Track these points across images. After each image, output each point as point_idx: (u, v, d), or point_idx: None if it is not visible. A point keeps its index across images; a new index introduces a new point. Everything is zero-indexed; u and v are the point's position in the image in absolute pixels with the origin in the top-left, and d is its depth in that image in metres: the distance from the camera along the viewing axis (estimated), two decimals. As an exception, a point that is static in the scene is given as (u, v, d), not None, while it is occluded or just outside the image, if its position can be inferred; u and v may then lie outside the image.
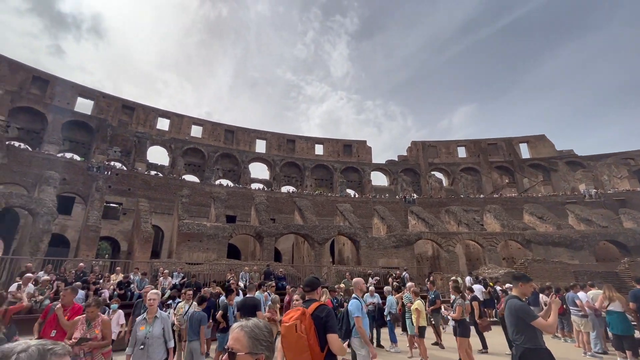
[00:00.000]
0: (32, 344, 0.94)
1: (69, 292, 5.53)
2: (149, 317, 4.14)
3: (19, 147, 25.51)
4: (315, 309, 2.70)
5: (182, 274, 14.18)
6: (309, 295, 3.06)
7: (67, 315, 4.77)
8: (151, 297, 4.30)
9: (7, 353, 0.88)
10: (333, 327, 2.66)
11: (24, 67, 31.31)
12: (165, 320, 4.21)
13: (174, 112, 40.76)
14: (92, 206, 22.03)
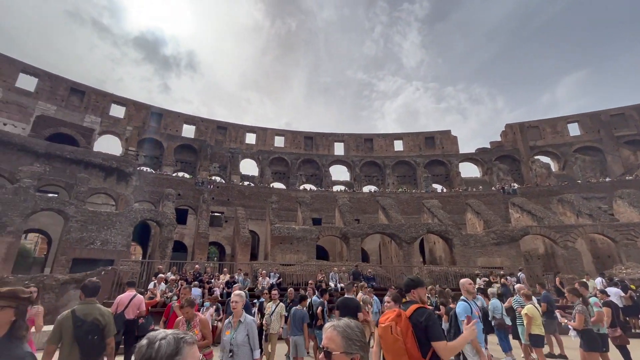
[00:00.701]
0: (169, 332, 1.14)
1: (186, 290, 6.44)
2: (234, 320, 3.82)
3: (146, 171, 31.33)
4: (414, 312, 2.50)
5: (277, 274, 15.25)
6: (409, 296, 2.88)
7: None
8: (234, 299, 3.88)
9: (152, 339, 1.11)
10: (436, 333, 2.39)
11: (144, 106, 38.38)
12: (250, 326, 3.76)
13: (258, 126, 44.59)
14: (201, 216, 25.58)
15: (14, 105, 29.31)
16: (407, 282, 2.92)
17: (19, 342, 1.89)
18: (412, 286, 2.86)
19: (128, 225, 18.49)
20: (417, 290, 2.83)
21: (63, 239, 16.73)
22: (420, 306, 2.59)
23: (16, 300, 1.99)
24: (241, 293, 4.01)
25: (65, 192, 21.90)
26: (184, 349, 1.11)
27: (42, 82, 31.65)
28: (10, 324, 1.92)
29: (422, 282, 2.94)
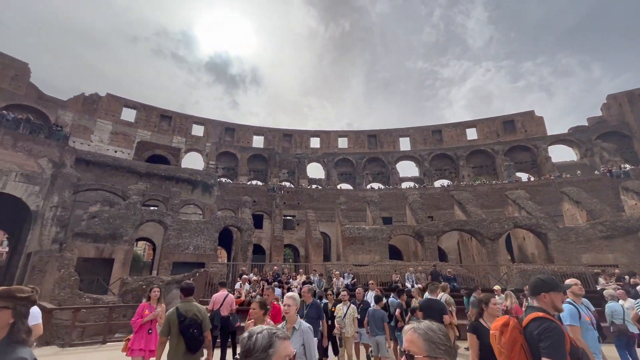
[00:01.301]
0: (265, 328, 1.33)
1: (270, 290, 6.75)
2: (287, 327, 3.24)
3: (225, 182, 34.45)
4: (530, 322, 2.03)
5: (351, 275, 15.26)
6: (537, 301, 2.28)
7: (269, 315, 4.63)
8: (286, 301, 3.40)
9: (252, 333, 1.31)
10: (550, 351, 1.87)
11: (219, 123, 42.35)
12: (307, 334, 3.12)
13: (321, 130, 45.51)
14: (274, 220, 27.08)
15: (121, 135, 35.08)
16: (535, 283, 2.30)
17: (19, 346, 1.72)
18: (544, 289, 2.23)
19: (214, 231, 20.52)
20: (551, 295, 2.20)
21: (164, 245, 19.35)
22: (540, 316, 2.05)
23: (13, 300, 1.80)
24: (294, 295, 3.50)
25: (163, 205, 25.36)
26: (276, 342, 1.27)
27: (139, 113, 37.27)
28: (8, 326, 1.74)
29: (557, 284, 2.27)
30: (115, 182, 25.29)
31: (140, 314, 5.17)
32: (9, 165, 19.30)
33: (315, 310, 5.75)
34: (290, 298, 3.45)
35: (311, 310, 5.68)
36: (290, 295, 3.51)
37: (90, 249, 17.06)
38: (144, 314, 5.19)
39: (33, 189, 20.04)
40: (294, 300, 3.40)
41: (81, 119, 32.84)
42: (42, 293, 12.73)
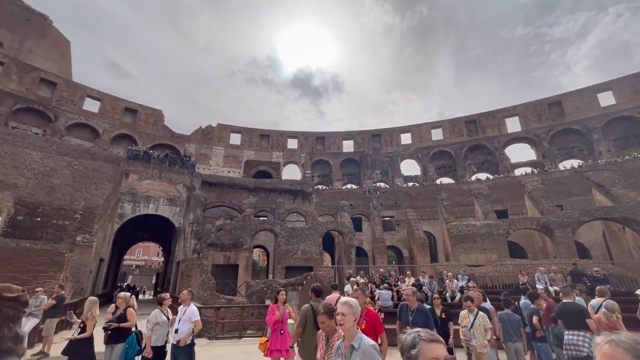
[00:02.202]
0: (414, 330, 1.46)
1: (359, 292, 5.70)
2: (344, 345, 2.51)
3: (321, 189, 36.07)
4: None
5: (466, 277, 13.92)
6: None
7: (363, 324, 3.88)
8: (341, 309, 2.55)
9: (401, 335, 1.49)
10: None
11: (310, 134, 44.77)
12: (370, 356, 2.33)
13: (411, 124, 43.45)
14: (373, 222, 26.90)
15: (231, 157, 40.48)
16: None
17: (3, 356, 1.40)
18: None
19: (317, 236, 21.60)
20: None
21: (276, 251, 21.29)
22: None
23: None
24: (350, 301, 2.61)
25: (271, 215, 28.07)
26: (419, 344, 1.37)
27: (243, 136, 42.42)
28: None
29: None
30: (231, 199, 29.22)
31: (271, 314, 5.72)
32: (159, 193, 24.33)
33: (422, 317, 4.86)
34: (345, 305, 2.54)
35: (418, 318, 4.86)
36: (345, 301, 2.61)
37: (219, 257, 20.03)
38: (272, 313, 5.73)
39: (175, 210, 24.75)
40: (350, 308, 2.50)
41: (201, 148, 39.24)
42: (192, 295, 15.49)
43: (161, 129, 38.31)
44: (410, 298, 5.01)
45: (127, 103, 36.64)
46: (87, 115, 33.18)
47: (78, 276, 14.71)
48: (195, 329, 5.46)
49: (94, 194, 18.95)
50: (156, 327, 5.31)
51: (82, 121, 32.44)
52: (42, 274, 10.67)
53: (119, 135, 34.36)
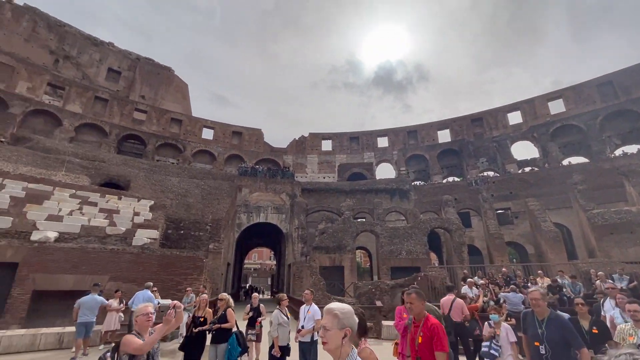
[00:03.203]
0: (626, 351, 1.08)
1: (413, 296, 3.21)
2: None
3: (419, 185, 34.19)
4: None
5: (626, 277, 11.04)
6: None
7: (420, 337, 3.07)
8: (323, 321, 1.74)
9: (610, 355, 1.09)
10: None
11: (399, 130, 43.10)
12: None
13: (520, 101, 37.44)
14: (485, 216, 23.99)
15: (325, 163, 42.08)
16: None
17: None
18: None
19: (421, 235, 20.44)
20: None
21: (379, 252, 20.99)
22: None
23: None
24: (337, 308, 1.71)
25: (369, 216, 27.93)
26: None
27: (333, 141, 43.67)
28: None
29: None
30: (329, 203, 30.25)
31: (399, 317, 5.49)
32: (266, 203, 26.95)
33: (558, 329, 3.42)
34: (329, 314, 1.71)
35: (552, 330, 3.44)
36: (329, 308, 1.73)
37: (325, 259, 20.86)
38: (402, 317, 5.50)
39: (281, 217, 26.97)
40: (335, 319, 1.67)
41: (297, 158, 41.99)
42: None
43: (262, 145, 42.57)
44: (539, 303, 3.64)
45: (233, 127, 42.04)
46: (205, 143, 39.33)
47: (213, 278, 17.35)
48: (316, 327, 5.70)
49: (218, 208, 22.16)
50: (279, 327, 5.75)
51: (202, 148, 38.61)
52: (189, 276, 12.92)
53: (230, 156, 39.58)
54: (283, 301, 6.07)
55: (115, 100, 35.63)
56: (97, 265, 11.28)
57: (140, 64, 42.01)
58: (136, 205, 16.78)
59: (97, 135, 32.69)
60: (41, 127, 29.43)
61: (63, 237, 12.06)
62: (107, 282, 10.90)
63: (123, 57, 41.16)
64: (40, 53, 34.72)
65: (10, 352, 8.01)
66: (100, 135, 32.80)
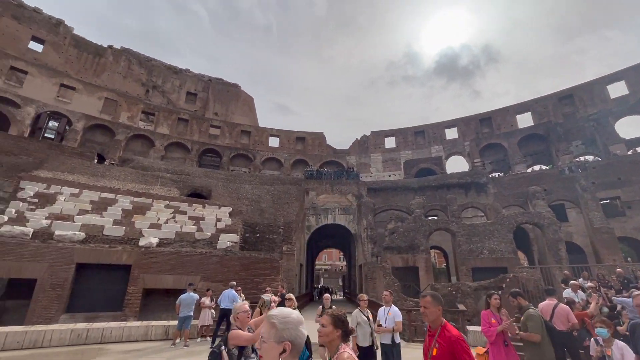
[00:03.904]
0: None
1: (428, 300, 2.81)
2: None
3: (498, 177, 30.97)
4: None
5: None
6: None
7: (435, 349, 2.70)
8: (262, 330, 1.50)
9: None
10: None
11: (471, 118, 39.68)
12: None
13: (624, 68, 31.36)
14: (586, 208, 20.57)
15: (389, 161, 40.92)
16: None
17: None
18: None
19: (506, 232, 18.41)
20: None
21: (456, 252, 19.50)
22: None
23: None
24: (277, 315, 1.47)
25: (442, 213, 26.22)
26: None
27: (397, 138, 42.23)
28: None
29: None
30: (397, 201, 29.26)
31: (488, 323, 4.97)
32: (333, 204, 27.24)
33: None
34: (266, 323, 1.46)
35: None
36: (270, 314, 1.48)
37: (397, 259, 20.15)
38: (491, 323, 4.98)
39: (349, 218, 26.96)
40: (272, 329, 1.42)
41: (360, 158, 41.64)
42: (378, 296, 16.18)
43: (325, 148, 43.30)
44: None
45: (296, 133, 43.63)
46: (272, 150, 41.55)
47: (288, 278, 18.12)
48: (395, 328, 5.49)
49: (288, 211, 23.13)
50: (358, 327, 5.65)
51: (270, 156, 40.86)
52: (267, 276, 13.69)
53: (296, 161, 41.10)
54: (362, 301, 5.97)
55: (194, 119, 39.94)
56: (190, 266, 12.66)
57: (212, 84, 46.41)
58: (218, 212, 18.45)
59: (181, 152, 37.02)
60: (139, 149, 34.47)
61: (162, 243, 13.84)
62: (199, 282, 12.15)
63: (198, 80, 45.99)
64: (135, 86, 40.78)
65: (129, 341, 9.44)
66: (184, 151, 37.06)
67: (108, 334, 9.34)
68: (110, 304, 11.45)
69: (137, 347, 8.88)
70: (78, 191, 16.05)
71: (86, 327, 9.21)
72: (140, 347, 8.96)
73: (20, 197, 13.97)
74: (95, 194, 16.33)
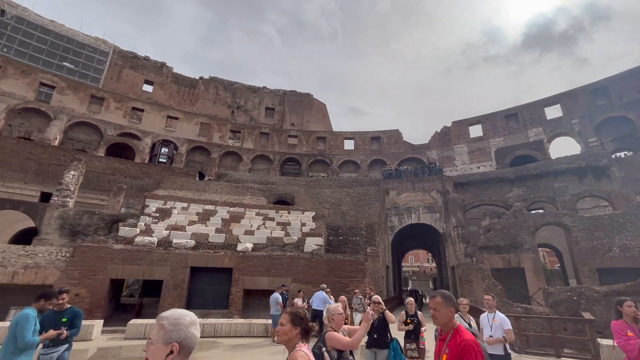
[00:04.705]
0: None
1: (438, 301, 2.49)
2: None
3: (625, 157, 25.30)
4: None
5: None
6: None
7: (444, 354, 2.39)
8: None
9: None
10: None
11: (578, 90, 33.33)
12: None
13: None
14: None
15: (477, 151, 37.10)
16: None
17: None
18: None
19: (644, 223, 14.80)
20: None
21: (574, 250, 16.44)
22: None
23: None
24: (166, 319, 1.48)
25: (549, 206, 22.51)
26: None
27: (484, 125, 38.06)
28: None
29: None
30: (490, 195, 26.27)
31: (624, 335, 4.03)
32: (416, 203, 25.93)
33: None
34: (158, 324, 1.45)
35: None
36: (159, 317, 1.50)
37: (497, 260, 17.99)
38: (627, 335, 4.03)
39: (435, 216, 25.28)
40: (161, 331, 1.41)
41: (442, 151, 38.78)
42: (477, 300, 14.67)
43: (402, 145, 41.69)
44: None
45: (371, 133, 43.08)
46: (348, 153, 41.82)
47: (375, 280, 17.82)
48: (507, 338, 4.83)
49: (369, 213, 22.87)
50: None
51: (346, 159, 41.21)
52: (354, 279, 13.69)
53: (372, 161, 40.55)
54: (462, 305, 5.45)
55: (273, 132, 42.94)
56: (281, 269, 13.50)
57: (287, 97, 49.29)
58: (302, 217, 19.32)
59: (265, 163, 40.10)
60: (230, 164, 38.57)
61: (256, 247, 15.10)
62: (290, 283, 12.85)
63: (274, 95, 49.42)
64: (222, 109, 45.97)
65: (236, 336, 10.50)
66: (267, 162, 40.08)
67: (219, 329, 10.57)
68: (218, 302, 12.95)
69: (242, 342, 9.81)
70: (187, 205, 18.71)
71: (202, 322, 10.61)
72: (245, 342, 9.87)
73: (146, 213, 16.95)
74: (200, 206, 18.80)
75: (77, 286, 11.40)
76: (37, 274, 11.29)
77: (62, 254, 12.11)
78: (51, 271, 11.45)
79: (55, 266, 11.60)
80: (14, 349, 3.53)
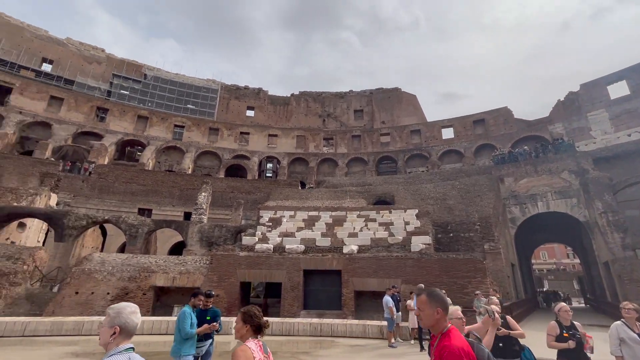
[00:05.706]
0: None
1: (422, 299, 2.23)
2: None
3: None
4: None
5: None
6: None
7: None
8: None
9: None
10: None
11: None
12: None
13: None
14: None
15: (623, 115, 29.06)
16: None
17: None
18: None
19: None
20: None
21: None
22: None
23: None
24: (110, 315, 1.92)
25: None
26: None
27: (629, 82, 29.65)
28: None
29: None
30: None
31: None
32: (542, 188, 21.92)
33: None
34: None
35: None
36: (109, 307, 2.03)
37: (677, 252, 13.60)
38: None
39: (571, 202, 20.85)
40: (107, 317, 1.88)
41: (570, 123, 31.82)
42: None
43: (513, 124, 36.16)
44: None
45: (472, 117, 38.72)
46: (448, 143, 38.48)
47: (499, 280, 15.68)
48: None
49: (481, 205, 20.43)
50: (624, 347, 3.97)
51: (446, 149, 37.99)
52: (473, 279, 12.33)
53: (478, 147, 36.26)
54: (626, 310, 4.24)
55: (365, 133, 42.93)
56: (388, 270, 13.20)
57: (374, 96, 48.72)
58: (404, 216, 18.59)
59: (360, 165, 40.32)
60: (327, 170, 40.18)
61: (361, 249, 15.19)
62: (400, 285, 12.42)
63: (361, 97, 49.52)
64: (314, 119, 48.44)
65: (351, 336, 10.70)
66: (362, 164, 40.21)
67: (335, 328, 10.95)
68: (332, 303, 13.46)
69: (359, 343, 9.91)
70: (293, 213, 20.25)
71: (319, 322, 11.19)
72: (361, 342, 9.95)
73: (261, 223, 19.05)
74: (305, 213, 20.09)
75: (216, 288, 13.53)
76: (188, 278, 13.89)
77: (203, 261, 14.60)
78: (197, 276, 13.93)
79: (200, 272, 14.06)
80: (180, 339, 4.41)
